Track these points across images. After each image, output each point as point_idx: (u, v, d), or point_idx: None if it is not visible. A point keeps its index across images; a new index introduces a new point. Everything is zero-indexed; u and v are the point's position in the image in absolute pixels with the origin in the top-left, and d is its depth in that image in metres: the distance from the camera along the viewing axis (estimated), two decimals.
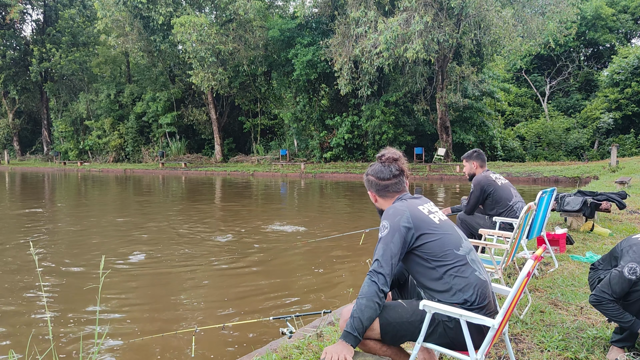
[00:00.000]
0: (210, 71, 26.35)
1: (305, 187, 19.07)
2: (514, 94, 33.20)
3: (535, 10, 22.06)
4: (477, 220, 4.81)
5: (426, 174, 21.11)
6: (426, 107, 25.01)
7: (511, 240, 3.65)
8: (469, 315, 2.02)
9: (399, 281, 2.54)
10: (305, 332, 3.44)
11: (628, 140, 26.40)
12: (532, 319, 3.42)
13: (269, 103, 33.58)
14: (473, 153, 5.03)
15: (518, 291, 2.05)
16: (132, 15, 27.45)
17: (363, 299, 2.09)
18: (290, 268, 6.55)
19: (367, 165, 23.77)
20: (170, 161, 31.73)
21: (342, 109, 27.63)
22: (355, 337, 2.07)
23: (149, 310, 4.92)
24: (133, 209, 13.22)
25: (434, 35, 20.19)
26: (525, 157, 27.37)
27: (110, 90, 35.20)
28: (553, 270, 4.68)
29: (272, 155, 30.17)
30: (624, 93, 26.86)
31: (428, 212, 2.27)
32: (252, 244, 7.94)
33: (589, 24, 31.77)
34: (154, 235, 8.91)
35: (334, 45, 23.18)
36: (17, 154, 43.19)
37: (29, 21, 40.73)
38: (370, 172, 2.40)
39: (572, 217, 6.56)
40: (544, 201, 4.40)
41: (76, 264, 6.79)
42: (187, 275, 6.17)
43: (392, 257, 2.13)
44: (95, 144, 37.09)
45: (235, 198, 15.57)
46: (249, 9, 26.55)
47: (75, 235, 8.94)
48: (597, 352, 2.89)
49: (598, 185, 11.84)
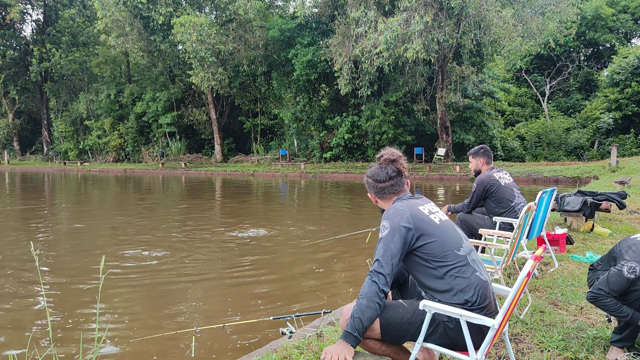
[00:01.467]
0: (210, 71, 26.35)
1: (305, 187, 19.07)
2: (514, 94, 33.18)
3: (535, 10, 22.06)
4: (477, 220, 4.80)
5: (426, 174, 21.11)
6: (426, 107, 25.01)
7: (511, 240, 3.65)
8: (469, 315, 2.02)
9: (399, 281, 2.55)
10: (305, 332, 3.44)
11: (628, 140, 26.39)
12: (532, 319, 3.42)
13: (269, 103, 33.57)
14: (480, 149, 5.02)
15: (518, 291, 2.05)
16: (132, 15, 27.45)
17: (363, 299, 2.09)
18: (290, 268, 6.54)
19: (367, 165, 23.81)
20: (170, 161, 31.72)
21: (342, 109, 27.62)
22: (356, 337, 2.07)
23: (149, 311, 4.92)
24: (133, 209, 13.22)
25: (434, 35, 20.19)
26: (525, 157, 27.35)
27: (110, 90, 35.18)
28: (553, 270, 4.68)
29: (272, 155, 30.17)
30: (624, 93, 26.85)
31: (428, 212, 2.27)
32: (252, 244, 7.94)
33: (589, 24, 31.77)
34: (153, 236, 8.91)
35: (334, 45, 23.18)
36: (17, 154, 43.19)
37: (29, 21, 40.78)
38: (368, 174, 2.42)
39: (572, 217, 6.56)
40: (544, 201, 4.40)
41: (76, 264, 6.79)
42: (187, 275, 6.17)
43: (393, 258, 2.13)
44: (95, 144, 37.08)
45: (235, 198, 15.57)
46: (249, 9, 26.55)
47: (75, 235, 8.94)
48: (597, 352, 2.89)
49: (598, 185, 11.84)
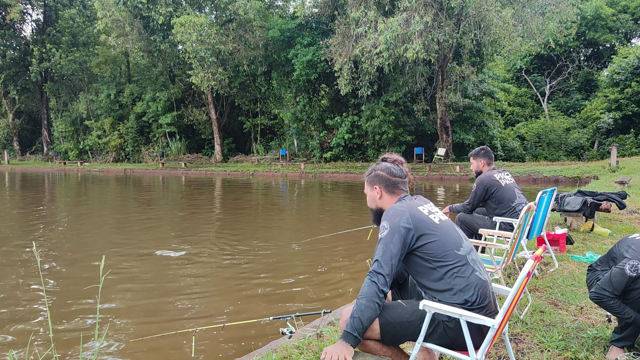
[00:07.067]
0: (210, 71, 26.34)
1: (305, 187, 19.06)
2: (514, 94, 33.17)
3: (535, 10, 22.05)
4: (477, 220, 4.80)
5: (426, 174, 21.10)
6: (426, 107, 24.99)
7: (511, 240, 3.65)
8: (469, 315, 2.02)
9: (398, 281, 2.55)
10: (305, 332, 3.44)
11: (628, 140, 26.38)
12: (532, 319, 3.42)
13: (269, 103, 33.55)
14: (480, 150, 5.02)
15: (518, 291, 2.05)
16: (132, 15, 27.44)
17: (363, 299, 2.09)
18: (290, 267, 6.54)
19: (367, 165, 23.79)
20: (170, 161, 31.71)
21: (342, 109, 27.62)
22: (355, 337, 2.07)
23: (149, 310, 4.92)
24: (133, 209, 13.22)
25: (434, 35, 20.18)
26: (525, 157, 27.35)
27: (110, 90, 35.17)
28: (553, 270, 4.68)
29: (272, 155, 30.16)
30: (624, 93, 26.84)
31: (428, 212, 2.28)
32: (252, 243, 7.94)
33: (589, 24, 31.78)
34: (153, 235, 8.91)
35: (334, 45, 23.17)
36: (17, 154, 43.19)
37: (29, 21, 40.73)
38: (379, 169, 2.44)
39: (572, 217, 6.56)
40: (544, 201, 4.40)
41: (76, 263, 6.79)
42: (187, 275, 6.18)
43: (392, 258, 2.13)
44: (95, 144, 37.07)
45: (235, 198, 15.57)
46: (249, 9, 26.54)
47: (75, 235, 8.93)
48: (597, 352, 2.89)
49: (598, 185, 11.84)
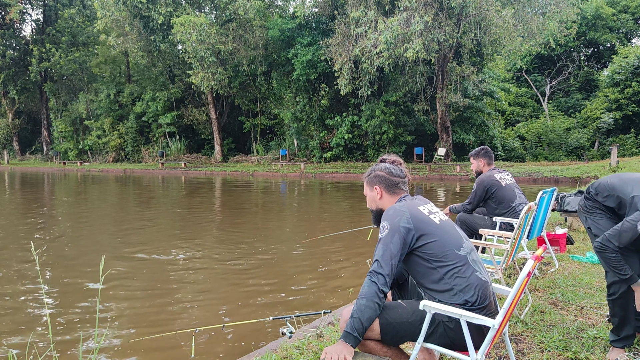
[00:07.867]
0: (210, 71, 26.34)
1: (305, 187, 19.06)
2: (514, 94, 33.17)
3: (536, 10, 22.06)
4: (477, 221, 4.79)
5: (426, 174, 21.10)
6: (426, 107, 25.00)
7: (511, 240, 3.65)
8: (469, 315, 2.01)
9: (399, 281, 2.54)
10: (305, 332, 3.44)
11: (628, 140, 26.38)
12: (533, 319, 3.42)
13: (269, 103, 33.55)
14: (480, 151, 5.01)
15: (518, 291, 2.04)
16: (132, 15, 27.44)
17: (363, 299, 2.09)
18: (290, 268, 6.53)
19: (367, 165, 23.80)
20: (170, 161, 31.71)
21: (342, 109, 27.61)
22: (355, 337, 2.06)
23: (149, 310, 4.92)
24: (133, 209, 13.22)
25: (434, 35, 20.18)
26: (526, 157, 27.35)
27: (110, 90, 35.17)
28: (553, 270, 4.68)
29: (272, 155, 30.15)
30: (624, 93, 26.84)
31: (428, 212, 2.27)
32: (252, 243, 7.93)
33: (589, 23, 31.77)
34: (153, 235, 8.91)
35: (334, 45, 23.17)
36: (16, 154, 43.20)
37: (28, 21, 40.75)
38: (379, 169, 2.45)
39: (572, 217, 6.56)
40: (544, 201, 4.40)
41: (76, 263, 6.78)
42: (187, 275, 6.17)
43: (392, 258, 2.12)
44: (95, 144, 37.06)
45: (235, 198, 15.56)
46: (248, 8, 26.54)
47: (75, 235, 8.93)
48: (597, 352, 2.89)
49: None
